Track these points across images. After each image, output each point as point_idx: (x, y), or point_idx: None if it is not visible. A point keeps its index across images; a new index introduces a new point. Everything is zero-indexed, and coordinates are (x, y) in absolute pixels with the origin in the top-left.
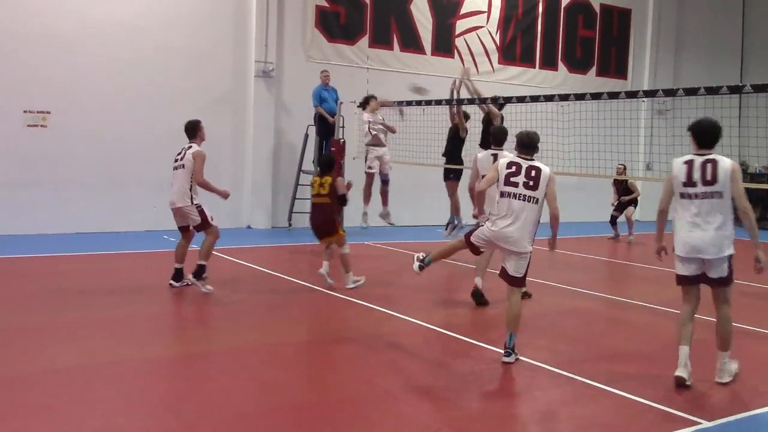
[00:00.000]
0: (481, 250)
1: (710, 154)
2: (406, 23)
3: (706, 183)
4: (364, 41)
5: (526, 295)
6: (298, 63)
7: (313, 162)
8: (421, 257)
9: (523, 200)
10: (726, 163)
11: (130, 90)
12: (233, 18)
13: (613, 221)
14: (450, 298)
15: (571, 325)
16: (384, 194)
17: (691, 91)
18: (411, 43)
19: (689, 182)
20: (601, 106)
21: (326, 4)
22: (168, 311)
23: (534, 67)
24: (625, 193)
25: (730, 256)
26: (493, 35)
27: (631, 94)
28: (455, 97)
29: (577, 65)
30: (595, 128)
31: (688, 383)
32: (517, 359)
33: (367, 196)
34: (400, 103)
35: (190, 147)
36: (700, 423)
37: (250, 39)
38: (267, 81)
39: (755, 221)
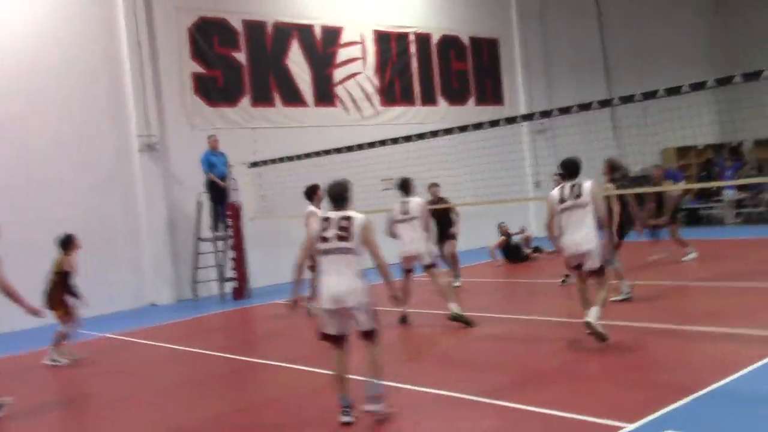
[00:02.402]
0: (337, 335)
1: (575, 180)
2: (285, 78)
3: (574, 197)
4: (246, 101)
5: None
6: (182, 132)
7: (210, 229)
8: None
9: (340, 253)
10: (587, 184)
11: (4, 182)
12: (109, 94)
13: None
14: None
15: (486, 351)
16: None
17: (564, 110)
18: (292, 97)
19: (562, 200)
20: (485, 135)
21: (202, 70)
22: (81, 403)
23: (415, 105)
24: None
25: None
26: (372, 79)
27: (511, 120)
28: None
29: (456, 98)
30: (482, 156)
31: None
32: (387, 410)
33: None
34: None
35: None
36: (624, 426)
37: (130, 114)
38: (152, 154)
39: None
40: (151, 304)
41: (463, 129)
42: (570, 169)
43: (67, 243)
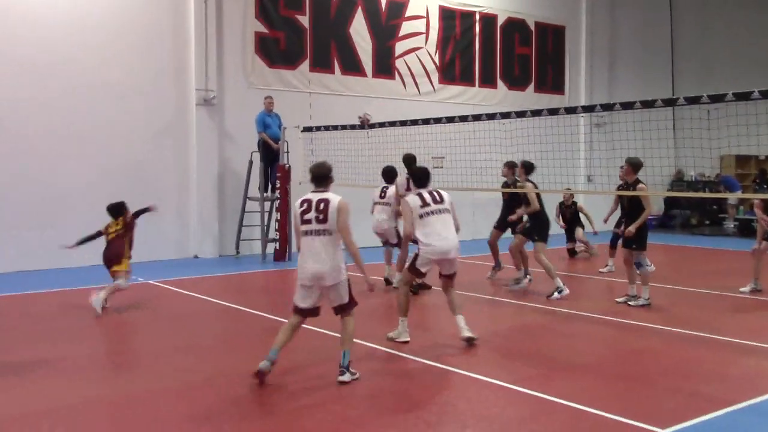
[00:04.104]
0: (306, 307)
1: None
2: (346, 46)
3: (436, 203)
4: (305, 65)
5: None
6: (240, 90)
7: (259, 189)
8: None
9: (319, 235)
10: (445, 193)
11: (66, 123)
12: (172, 47)
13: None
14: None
15: (523, 340)
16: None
17: (627, 105)
18: (352, 66)
19: (425, 204)
20: (541, 122)
21: (266, 30)
22: (114, 350)
23: (474, 86)
24: (574, 219)
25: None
26: (433, 56)
27: (570, 110)
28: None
29: (516, 82)
30: (536, 144)
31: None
32: (355, 378)
33: None
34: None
35: None
36: (655, 431)
37: (191, 67)
38: (209, 109)
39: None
40: (194, 256)
41: (521, 114)
42: (423, 177)
43: (121, 209)
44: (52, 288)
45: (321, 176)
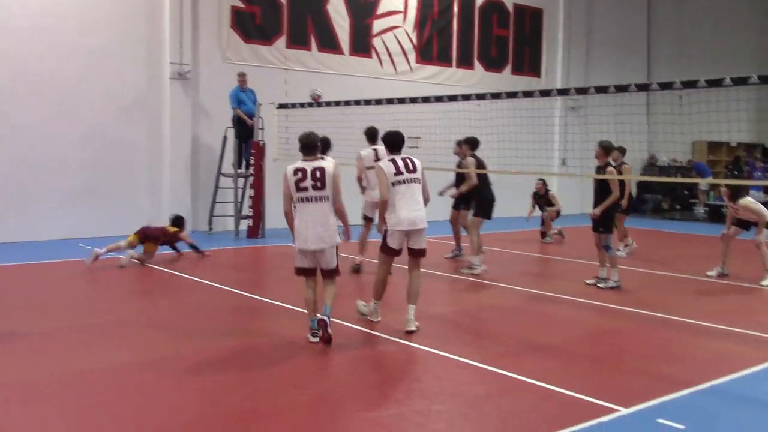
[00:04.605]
0: (308, 267)
1: (402, 154)
2: (323, 23)
3: (409, 171)
4: (282, 42)
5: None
6: (215, 64)
7: (233, 165)
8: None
9: (317, 201)
10: (418, 160)
11: (37, 94)
12: (146, 19)
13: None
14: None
15: (493, 320)
16: None
17: (601, 89)
18: (328, 43)
19: (398, 172)
20: (516, 104)
21: (242, 5)
22: (84, 324)
23: (451, 66)
24: (547, 206)
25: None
26: (410, 35)
27: (545, 93)
28: None
29: (493, 64)
30: (511, 126)
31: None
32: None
33: None
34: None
35: None
36: (618, 410)
37: (165, 40)
38: (183, 83)
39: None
40: None
41: (496, 96)
42: (399, 141)
43: (177, 221)
44: (20, 261)
45: (310, 145)
